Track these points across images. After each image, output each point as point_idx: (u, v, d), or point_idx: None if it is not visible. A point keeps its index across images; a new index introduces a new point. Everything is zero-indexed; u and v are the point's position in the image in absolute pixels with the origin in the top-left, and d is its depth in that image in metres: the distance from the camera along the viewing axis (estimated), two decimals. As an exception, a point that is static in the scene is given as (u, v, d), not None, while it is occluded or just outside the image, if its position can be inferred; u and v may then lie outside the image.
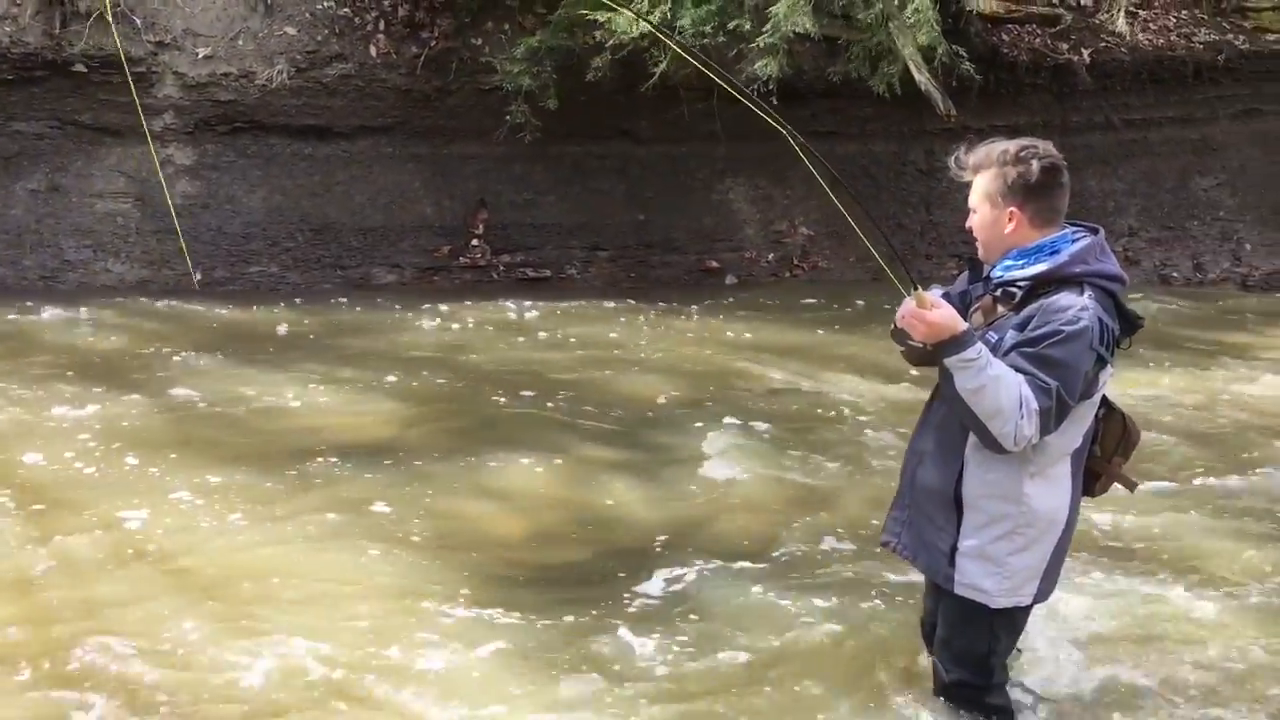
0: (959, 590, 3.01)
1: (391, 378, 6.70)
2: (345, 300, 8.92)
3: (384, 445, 5.56)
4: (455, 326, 8.20)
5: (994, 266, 3.01)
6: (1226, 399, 6.91)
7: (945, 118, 10.65)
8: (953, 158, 3.04)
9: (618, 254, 10.36)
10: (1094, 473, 3.08)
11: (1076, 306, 2.82)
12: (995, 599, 2.98)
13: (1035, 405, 2.76)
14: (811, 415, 6.30)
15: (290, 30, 10.01)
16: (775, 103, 9.30)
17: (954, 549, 2.99)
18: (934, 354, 2.86)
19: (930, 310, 2.82)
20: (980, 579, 2.98)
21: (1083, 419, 2.97)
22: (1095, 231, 3.00)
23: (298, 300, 8.89)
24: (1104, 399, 3.03)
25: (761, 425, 6.02)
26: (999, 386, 2.76)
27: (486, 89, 9.94)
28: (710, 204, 10.70)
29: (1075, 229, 2.99)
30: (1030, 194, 2.92)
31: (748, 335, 8.28)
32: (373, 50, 10.09)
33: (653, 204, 10.53)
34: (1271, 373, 7.46)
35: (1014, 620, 3.11)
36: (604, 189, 10.50)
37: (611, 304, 9.06)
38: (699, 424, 5.96)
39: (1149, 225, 11.54)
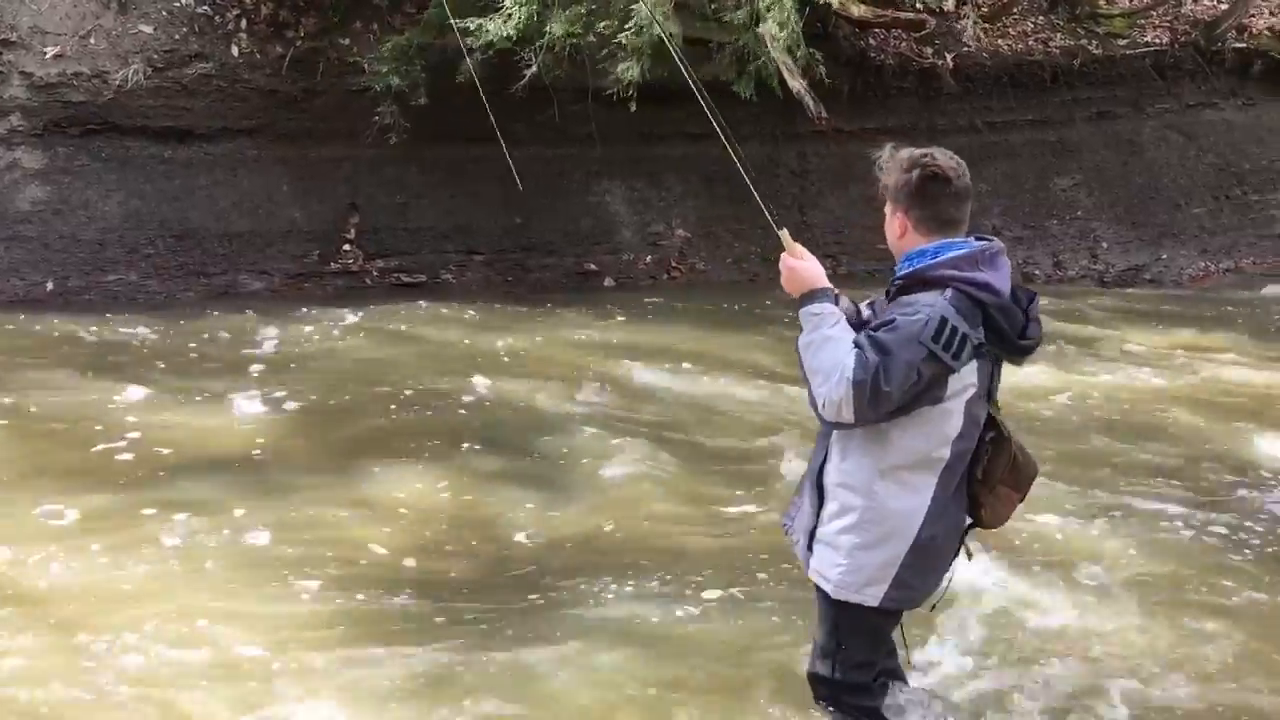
0: (810, 574, 3.09)
1: (259, 389, 6.47)
2: (210, 309, 8.60)
3: (252, 460, 5.36)
4: (327, 334, 7.97)
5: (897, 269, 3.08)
6: (1091, 392, 7.15)
7: (816, 121, 10.82)
8: (878, 157, 3.07)
9: (494, 257, 10.23)
10: (977, 499, 3.01)
11: (922, 302, 2.88)
12: (836, 590, 3.02)
13: (849, 375, 2.81)
14: (695, 417, 6.30)
15: (146, 29, 9.60)
16: (633, 108, 9.34)
17: (813, 533, 3.07)
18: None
19: (796, 255, 3.08)
20: (826, 567, 3.04)
21: (928, 424, 2.90)
22: (989, 242, 2.97)
23: (159, 310, 8.52)
24: (996, 424, 2.97)
25: (645, 429, 5.99)
26: (827, 346, 2.88)
27: (355, 90, 9.70)
28: (587, 206, 10.65)
29: (975, 240, 2.97)
30: (913, 201, 2.95)
31: (628, 338, 8.26)
32: (235, 50, 9.75)
33: (529, 207, 10.42)
34: (1132, 365, 7.76)
35: (860, 621, 3.05)
36: (479, 192, 10.35)
37: (490, 308, 8.94)
38: (583, 429, 5.91)
39: (1012, 224, 11.90)
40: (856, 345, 2.85)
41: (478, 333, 8.15)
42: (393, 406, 6.26)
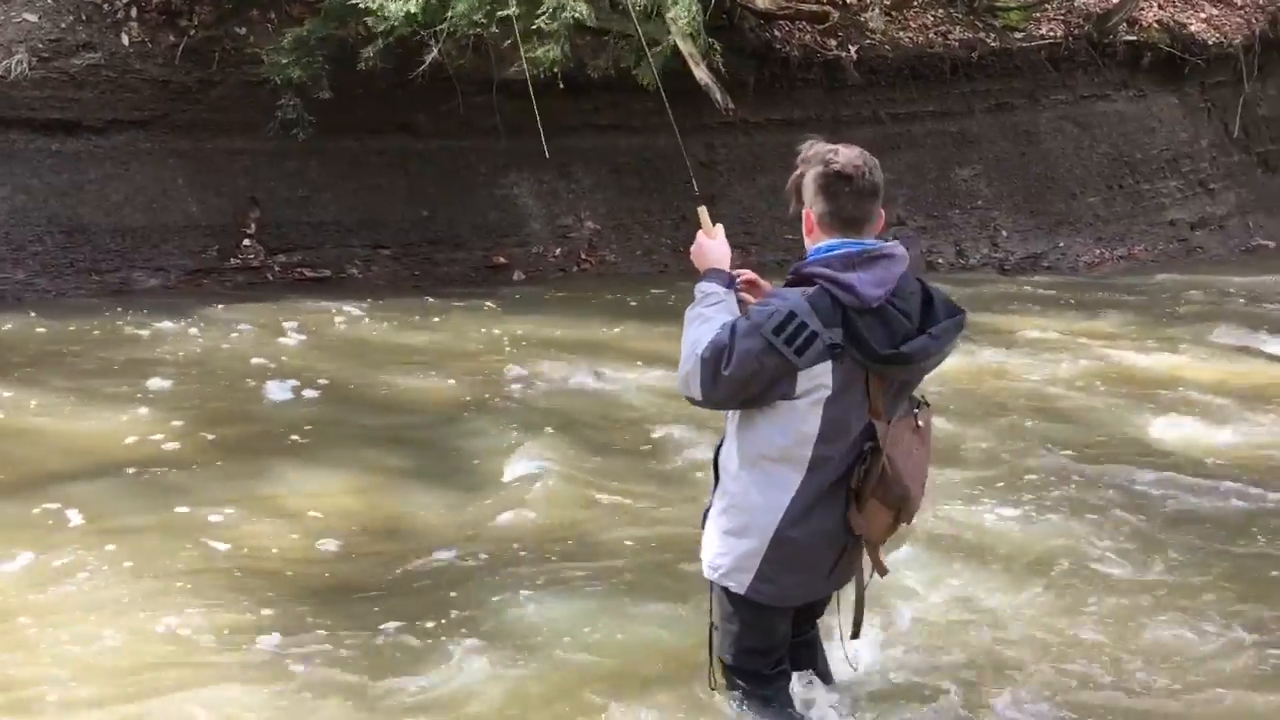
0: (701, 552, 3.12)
1: (157, 391, 6.25)
2: (102, 307, 8.29)
3: (149, 465, 5.17)
4: (226, 331, 7.74)
5: None
6: (993, 379, 7.30)
7: (724, 112, 10.85)
8: (798, 150, 3.03)
9: (401, 251, 10.06)
10: (853, 508, 2.93)
11: (781, 296, 2.88)
12: (707, 571, 3.08)
13: (699, 352, 2.85)
14: (606, 412, 6.27)
15: (30, 17, 9.21)
16: (560, 86, 9.26)
17: (707, 513, 3.13)
18: None
19: (708, 237, 3.09)
20: (704, 547, 3.09)
21: (785, 420, 2.86)
22: (880, 245, 2.89)
23: (48, 309, 8.19)
24: (873, 434, 2.88)
25: (556, 424, 5.93)
26: (697, 324, 2.92)
27: (254, 81, 9.43)
28: (495, 199, 10.53)
29: (874, 241, 2.90)
30: (816, 198, 2.92)
31: (538, 332, 8.19)
32: (125, 39, 9.41)
33: (436, 200, 10.28)
34: (1032, 352, 7.93)
35: (737, 607, 3.04)
36: (384, 184, 10.17)
37: (396, 303, 8.78)
38: (492, 425, 5.83)
39: (916, 214, 12.11)
40: (723, 328, 2.86)
41: (384, 328, 8.00)
42: (296, 405, 6.10)
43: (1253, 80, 14.09)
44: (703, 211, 3.24)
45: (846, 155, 2.90)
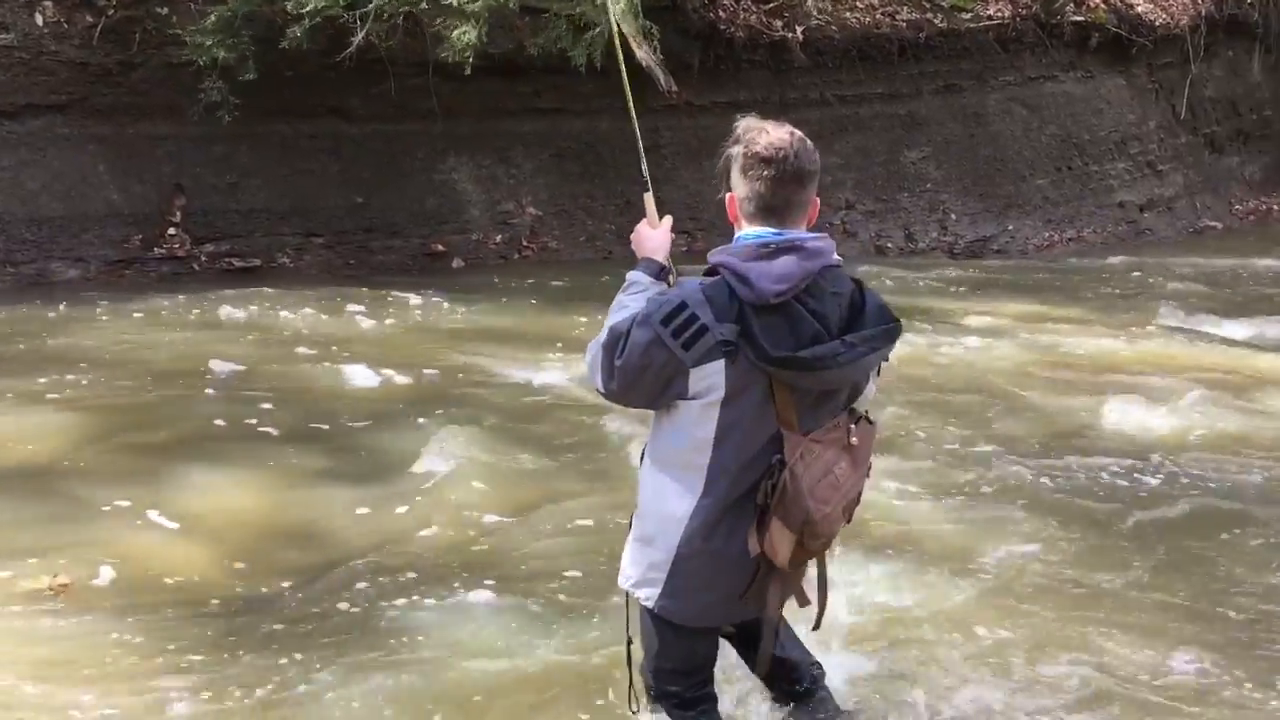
0: None
1: (65, 389, 5.92)
2: (17, 300, 7.90)
3: (50, 469, 4.86)
4: (147, 324, 7.39)
5: None
6: (940, 363, 7.13)
7: (667, 94, 10.61)
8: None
9: (335, 239, 9.73)
10: (760, 526, 2.67)
11: (681, 285, 2.65)
12: (620, 579, 2.84)
13: (601, 339, 2.69)
14: (544, 405, 6.01)
15: (-63, -4, 8.77)
16: (468, 72, 8.98)
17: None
18: None
19: (652, 226, 2.94)
20: (624, 555, 2.85)
21: (684, 422, 2.62)
22: (792, 236, 2.61)
23: (-43, 303, 7.80)
24: (781, 445, 2.61)
25: (491, 419, 5.68)
26: (615, 314, 2.72)
27: (177, 63, 9.04)
28: (432, 185, 10.22)
29: (792, 233, 2.62)
30: (736, 181, 2.66)
31: (476, 321, 7.92)
32: (39, 18, 8.98)
33: (370, 186, 9.95)
34: (981, 336, 7.78)
35: (649, 622, 2.81)
36: (315, 170, 9.82)
37: (329, 293, 8.45)
38: (422, 421, 5.55)
39: (864, 198, 11.95)
40: (630, 316, 2.63)
41: (313, 319, 7.69)
42: (211, 402, 5.80)
43: (1199, 61, 14.07)
44: (649, 199, 3.07)
45: (771, 137, 2.62)
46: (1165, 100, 14.13)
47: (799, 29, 11.75)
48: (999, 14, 12.79)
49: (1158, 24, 13.58)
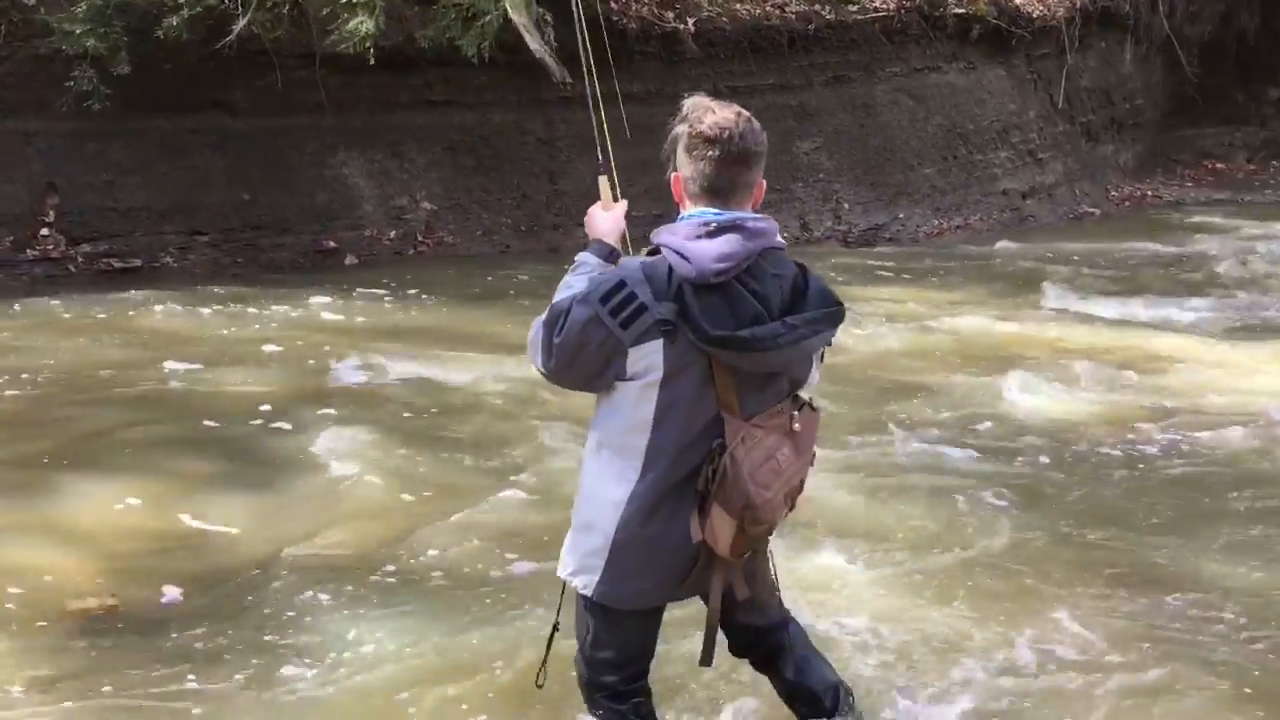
0: None
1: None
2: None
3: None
4: (18, 330, 7.03)
5: None
6: (840, 352, 7.18)
7: (561, 85, 10.52)
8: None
9: (221, 238, 9.41)
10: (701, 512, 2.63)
11: (618, 266, 2.63)
12: (559, 568, 2.78)
13: (542, 318, 2.64)
14: (440, 403, 5.88)
15: None
16: (371, 61, 8.78)
17: None
18: None
19: (607, 207, 2.89)
20: (565, 543, 2.79)
21: (624, 403, 2.58)
22: (733, 215, 2.56)
23: None
24: (722, 429, 2.56)
25: (385, 419, 5.54)
26: (559, 293, 2.67)
27: (45, 54, 8.64)
28: (322, 180, 9.95)
29: (735, 212, 2.57)
30: (682, 161, 2.63)
31: (372, 319, 7.73)
32: (-107, 9, 8.49)
33: (257, 182, 9.65)
34: (878, 323, 7.88)
35: (586, 610, 2.76)
36: (199, 166, 9.48)
37: (215, 294, 8.16)
38: (313, 423, 5.38)
39: (759, 188, 12.03)
40: (572, 295, 2.60)
41: (199, 321, 7.41)
42: (93, 409, 5.53)
43: (1074, 52, 14.53)
44: (603, 182, 3.00)
45: (717, 116, 2.59)
46: (1044, 90, 14.54)
47: (690, 20, 11.77)
48: (884, 6, 13.00)
49: (1035, 16, 13.98)
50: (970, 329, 7.78)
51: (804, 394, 2.72)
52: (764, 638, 2.97)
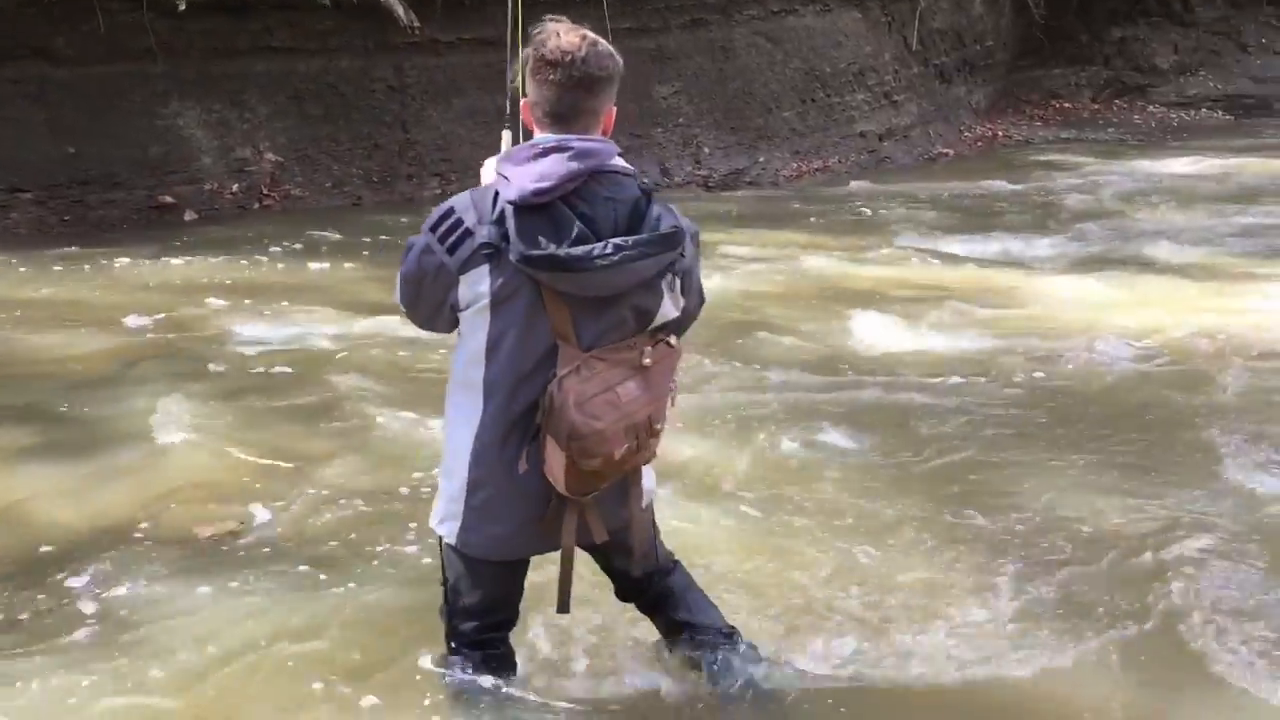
0: None
1: None
2: None
3: None
4: None
5: None
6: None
7: (409, 30, 10.17)
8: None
9: (45, 195, 8.83)
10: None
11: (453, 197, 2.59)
12: (432, 517, 2.74)
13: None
14: (283, 362, 5.61)
15: None
16: (182, 7, 8.30)
17: None
18: None
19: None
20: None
21: (466, 336, 2.56)
22: (565, 138, 2.48)
23: None
24: (557, 362, 2.50)
25: (223, 383, 5.26)
26: None
27: None
28: (155, 131, 9.42)
29: (569, 137, 2.47)
30: (530, 86, 2.54)
31: (211, 277, 7.36)
32: None
33: (83, 134, 9.08)
34: (737, 266, 7.86)
35: (450, 558, 2.71)
36: (17, 118, 8.86)
37: (37, 254, 7.67)
38: (148, 388, 5.07)
39: (619, 135, 11.61)
40: None
41: (16, 283, 6.94)
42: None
43: (927, -6, 14.71)
44: (505, 136, 2.89)
45: (561, 40, 2.49)
46: (897, 33, 14.70)
47: (543, -38, 11.48)
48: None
49: (888, -42, 14.08)
50: (824, 270, 7.83)
51: (666, 331, 2.63)
52: (646, 585, 2.93)
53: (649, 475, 2.78)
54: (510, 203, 2.44)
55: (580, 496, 2.57)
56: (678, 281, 2.64)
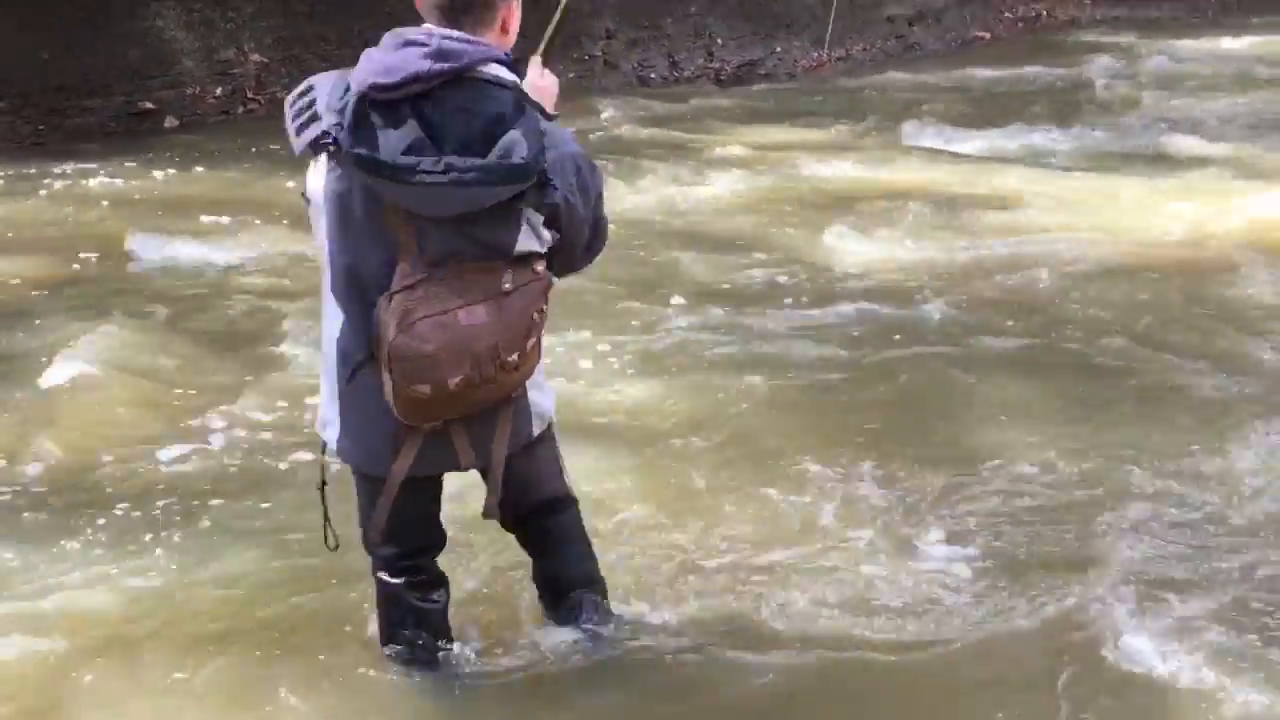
0: None
1: None
2: None
3: None
4: None
5: None
6: (679, 203, 6.75)
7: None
8: None
9: (20, 103, 8.59)
10: None
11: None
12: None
13: None
14: (223, 290, 5.32)
15: None
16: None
17: None
18: None
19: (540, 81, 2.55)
20: None
21: (314, 229, 2.42)
22: (430, 33, 2.27)
23: None
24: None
25: (156, 309, 5.04)
26: None
27: None
28: (135, 34, 9.10)
29: (438, 31, 2.27)
30: None
31: (174, 190, 7.12)
32: None
33: (58, 39, 8.78)
34: (727, 170, 7.42)
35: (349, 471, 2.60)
36: (-13, 24, 8.60)
37: (12, 168, 7.47)
38: (67, 319, 4.85)
39: (625, 27, 11.31)
40: None
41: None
42: None
43: None
44: (535, 62, 2.57)
45: None
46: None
47: None
48: None
49: None
50: (816, 174, 7.36)
51: (533, 255, 2.35)
52: (527, 518, 2.70)
53: (540, 405, 2.55)
54: (357, 95, 2.24)
55: (420, 424, 2.36)
56: (540, 217, 2.35)
